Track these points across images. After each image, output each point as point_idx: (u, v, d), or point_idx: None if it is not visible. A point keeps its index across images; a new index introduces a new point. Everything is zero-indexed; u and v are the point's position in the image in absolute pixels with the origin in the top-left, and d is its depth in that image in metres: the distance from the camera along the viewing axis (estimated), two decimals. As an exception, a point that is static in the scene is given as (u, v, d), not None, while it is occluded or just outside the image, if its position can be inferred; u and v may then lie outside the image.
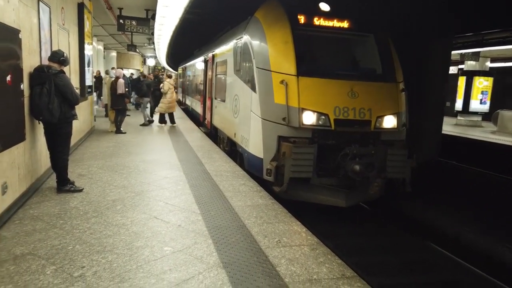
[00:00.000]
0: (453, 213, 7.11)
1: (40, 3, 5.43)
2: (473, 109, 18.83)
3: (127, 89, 11.68)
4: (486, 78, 18.65)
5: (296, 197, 6.22)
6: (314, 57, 7.01)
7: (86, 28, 9.45)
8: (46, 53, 5.58)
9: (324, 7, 6.90)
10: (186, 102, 20.52)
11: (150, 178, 6.11)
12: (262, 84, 6.51)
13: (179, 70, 27.20)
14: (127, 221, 4.25)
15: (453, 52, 12.92)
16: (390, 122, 6.42)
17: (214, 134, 11.00)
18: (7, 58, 4.06)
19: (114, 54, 27.05)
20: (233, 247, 3.69)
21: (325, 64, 6.89)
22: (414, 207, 7.50)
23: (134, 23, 13.37)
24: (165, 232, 3.98)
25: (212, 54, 11.41)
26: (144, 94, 13.05)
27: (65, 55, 5.16)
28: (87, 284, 2.92)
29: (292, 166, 5.81)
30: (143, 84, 13.16)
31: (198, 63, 15.20)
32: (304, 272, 3.28)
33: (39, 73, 4.83)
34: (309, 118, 6.09)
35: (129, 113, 14.28)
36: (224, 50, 9.67)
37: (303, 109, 6.07)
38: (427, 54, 9.48)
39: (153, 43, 20.16)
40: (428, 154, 9.51)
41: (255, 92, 6.63)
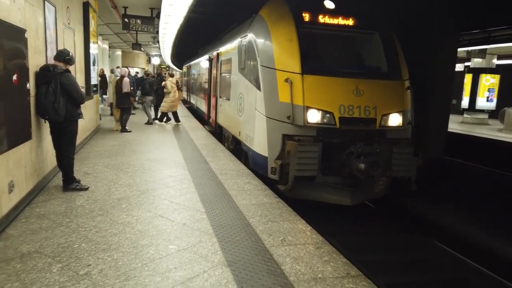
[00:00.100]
0: (458, 211, 7.07)
1: (45, 2, 5.45)
2: (479, 106, 18.68)
3: (132, 87, 11.73)
4: (493, 75, 18.48)
5: (301, 195, 6.22)
6: (319, 55, 7.00)
7: (91, 27, 9.49)
8: (51, 52, 5.61)
9: (329, 4, 6.87)
10: (191, 101, 20.56)
11: (155, 177, 6.13)
12: (266, 82, 6.50)
13: (184, 68, 27.26)
14: (132, 219, 4.27)
15: (459, 49, 12.81)
16: (395, 120, 6.39)
17: (219, 133, 11.01)
18: (13, 58, 4.09)
19: (119, 53, 27.14)
20: (238, 246, 3.69)
21: (330, 62, 6.87)
22: (419, 206, 7.46)
23: (139, 21, 13.39)
24: (170, 231, 4.00)
25: (217, 52, 11.41)
26: (146, 93, 13.05)
27: (70, 54, 5.18)
28: (93, 282, 2.94)
29: (297, 164, 5.80)
30: (145, 83, 13.15)
31: (203, 62, 15.21)
32: (309, 271, 3.28)
33: (45, 72, 4.86)
34: (313, 117, 6.07)
35: (134, 111, 14.33)
36: (229, 48, 9.67)
37: (308, 107, 6.06)
38: (432, 51, 9.40)
39: (158, 41, 20.18)
40: (434, 152, 9.45)
41: (260, 90, 6.62)
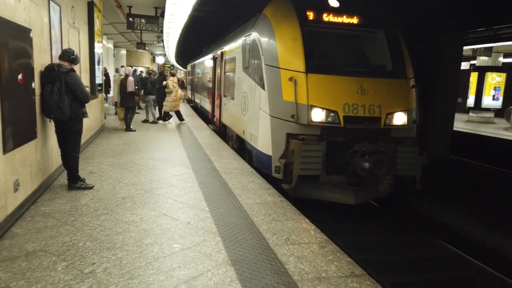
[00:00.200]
0: (464, 210, 7.03)
1: (50, 2, 5.48)
2: (485, 105, 18.55)
3: (136, 87, 11.76)
4: (499, 73, 18.35)
5: (305, 194, 6.21)
6: (323, 53, 6.97)
7: (96, 27, 9.52)
8: (56, 51, 5.64)
9: (333, 2, 6.84)
10: (195, 100, 20.59)
11: (160, 176, 6.15)
12: (270, 81, 6.49)
13: (188, 67, 27.29)
14: (136, 218, 4.28)
15: (465, 47, 12.72)
16: (400, 119, 6.35)
17: (223, 132, 11.02)
18: (18, 57, 4.12)
19: (124, 52, 27.23)
20: (241, 245, 3.69)
21: (334, 60, 6.84)
22: (424, 205, 7.42)
23: (143, 21, 13.42)
24: (174, 230, 4.01)
25: (221, 51, 11.41)
26: (148, 92, 13.06)
27: (75, 53, 5.20)
28: (98, 281, 2.95)
29: (301, 163, 5.79)
30: (147, 82, 13.16)
31: (207, 61, 15.22)
32: (312, 270, 3.27)
33: (50, 71, 4.88)
34: (318, 115, 6.05)
35: (139, 111, 14.37)
36: (233, 47, 9.67)
37: (312, 106, 6.04)
38: (438, 49, 9.35)
39: (162, 41, 20.23)
40: (439, 151, 9.40)
41: (264, 89, 6.61)
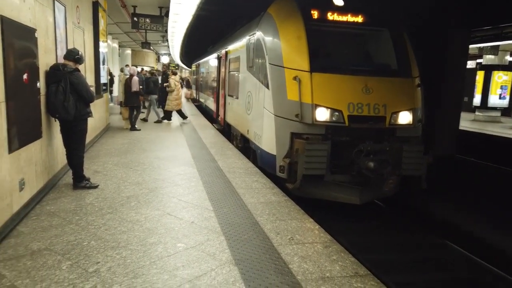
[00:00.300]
0: (469, 210, 6.98)
1: (55, 2, 5.51)
2: (491, 104, 18.40)
3: (141, 86, 11.78)
4: (506, 72, 18.20)
5: (309, 194, 6.19)
6: (328, 52, 6.95)
7: (101, 27, 9.56)
8: (61, 51, 5.67)
9: (338, 1, 6.80)
10: (200, 99, 20.62)
11: (164, 175, 6.16)
12: (275, 81, 6.47)
13: (192, 67, 27.34)
14: (141, 217, 4.29)
15: (471, 46, 12.62)
16: (405, 118, 6.31)
17: (227, 131, 11.02)
18: (23, 57, 4.14)
19: (129, 51, 27.32)
20: (245, 244, 3.69)
21: (338, 59, 6.81)
22: (429, 204, 7.38)
23: (148, 20, 13.46)
24: (178, 229, 4.01)
25: (225, 50, 11.41)
26: (151, 91, 13.07)
27: (80, 53, 5.22)
28: (102, 280, 2.96)
29: (305, 162, 5.77)
30: (150, 82, 13.17)
31: (212, 60, 15.23)
32: (316, 270, 3.26)
33: (55, 71, 4.91)
34: (322, 115, 6.03)
35: (144, 110, 14.42)
36: (237, 46, 9.66)
37: (317, 105, 6.02)
38: (444, 48, 9.28)
39: (167, 40, 20.28)
40: (444, 150, 9.33)
41: (268, 88, 6.60)
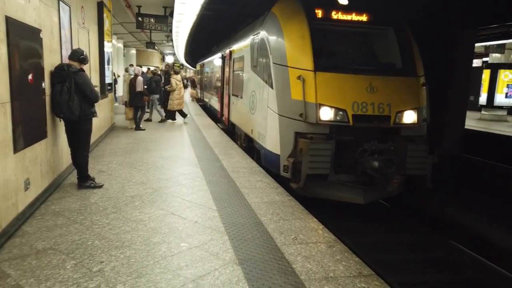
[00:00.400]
0: (475, 210, 6.93)
1: (60, 2, 5.53)
2: (498, 103, 18.26)
3: (146, 86, 11.81)
4: (512, 71, 18.04)
5: (313, 193, 6.17)
6: (332, 51, 6.92)
7: (106, 27, 9.60)
8: (66, 51, 5.69)
9: (342, 0, 6.78)
10: (204, 99, 20.65)
11: (168, 175, 6.17)
12: (279, 80, 6.46)
13: (197, 66, 27.39)
14: (145, 217, 4.31)
15: (477, 44, 12.51)
16: (410, 117, 6.27)
17: (231, 131, 11.03)
18: (29, 57, 4.16)
19: (133, 51, 27.41)
20: (249, 244, 3.68)
21: (343, 58, 6.78)
22: (434, 204, 7.34)
23: (152, 20, 13.48)
24: (182, 228, 4.02)
25: (230, 50, 11.42)
26: (152, 91, 13.09)
27: (84, 53, 5.25)
28: (106, 279, 2.97)
29: (309, 162, 5.75)
30: (151, 81, 13.20)
31: (216, 60, 15.25)
32: (320, 270, 3.25)
33: (60, 71, 4.93)
34: (326, 114, 6.01)
35: (148, 110, 14.46)
36: (241, 46, 9.66)
37: (321, 104, 6.00)
38: (449, 46, 9.21)
39: (171, 40, 20.33)
40: (450, 149, 9.27)
41: (272, 88, 6.59)
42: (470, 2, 8.74)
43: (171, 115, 13.23)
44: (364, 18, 6.74)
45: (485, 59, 19.90)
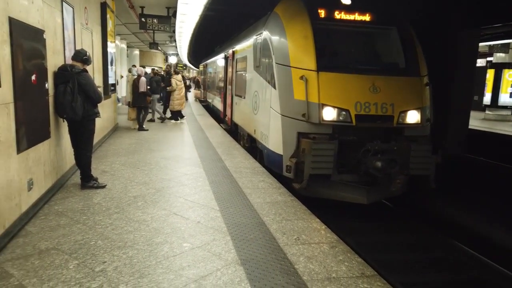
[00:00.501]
0: (477, 210, 6.89)
1: (63, 3, 5.56)
2: (502, 103, 18.14)
3: (149, 87, 11.83)
4: (517, 70, 17.93)
5: (316, 194, 6.16)
6: (335, 51, 6.90)
7: (109, 27, 9.62)
8: (69, 52, 5.71)
9: (345, 0, 6.76)
10: (207, 99, 20.68)
11: (171, 175, 6.18)
12: (281, 80, 6.46)
13: (200, 67, 27.43)
14: (147, 217, 4.31)
15: (481, 44, 12.45)
16: (413, 117, 6.25)
17: (234, 131, 11.03)
18: (32, 58, 4.18)
19: (137, 52, 27.48)
20: (251, 244, 3.68)
21: (346, 58, 6.76)
22: (437, 204, 7.30)
23: (155, 21, 13.51)
24: (184, 229, 4.02)
25: (232, 50, 11.42)
26: (153, 91, 13.09)
27: (87, 54, 5.26)
28: (108, 279, 2.98)
29: (312, 162, 5.74)
30: (152, 82, 13.22)
31: (219, 60, 15.26)
32: (322, 270, 3.24)
33: (63, 72, 4.95)
34: (329, 114, 6.00)
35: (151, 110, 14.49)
36: (244, 46, 9.66)
37: (323, 104, 5.99)
38: (453, 46, 9.16)
39: (174, 40, 20.36)
40: (454, 149, 9.23)
41: (275, 88, 6.59)
42: (470, 2, 8.69)
43: (174, 116, 13.24)
44: (367, 17, 6.72)
45: (489, 59, 19.80)
